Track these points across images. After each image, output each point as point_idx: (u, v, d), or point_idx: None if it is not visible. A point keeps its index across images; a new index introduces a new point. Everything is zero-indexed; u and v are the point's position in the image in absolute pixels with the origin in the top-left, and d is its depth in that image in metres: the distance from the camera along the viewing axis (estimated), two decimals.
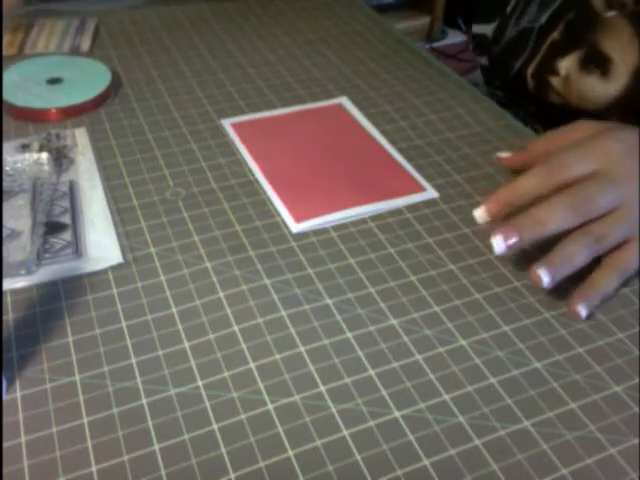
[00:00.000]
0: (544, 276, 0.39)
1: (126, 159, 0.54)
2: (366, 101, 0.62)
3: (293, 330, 0.40)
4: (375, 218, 0.48)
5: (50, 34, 0.73)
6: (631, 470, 0.33)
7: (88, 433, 0.34)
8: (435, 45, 2.17)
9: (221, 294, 0.42)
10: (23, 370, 0.37)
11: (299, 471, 0.32)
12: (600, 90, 0.59)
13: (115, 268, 0.43)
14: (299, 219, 0.47)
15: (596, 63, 0.59)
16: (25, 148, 0.53)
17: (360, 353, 0.38)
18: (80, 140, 0.55)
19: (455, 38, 2.22)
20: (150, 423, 0.34)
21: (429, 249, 0.46)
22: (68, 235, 0.45)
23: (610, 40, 0.58)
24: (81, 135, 0.56)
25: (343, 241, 0.46)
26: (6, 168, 0.49)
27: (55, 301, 0.41)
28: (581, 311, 0.40)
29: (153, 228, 0.47)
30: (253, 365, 0.37)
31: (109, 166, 0.53)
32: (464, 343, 0.39)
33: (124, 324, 0.40)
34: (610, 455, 0.33)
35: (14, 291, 0.41)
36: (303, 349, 0.38)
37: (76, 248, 0.44)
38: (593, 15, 0.60)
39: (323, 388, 0.36)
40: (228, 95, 0.63)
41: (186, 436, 0.34)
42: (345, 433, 0.34)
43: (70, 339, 0.39)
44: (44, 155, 0.50)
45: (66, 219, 0.47)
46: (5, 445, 0.33)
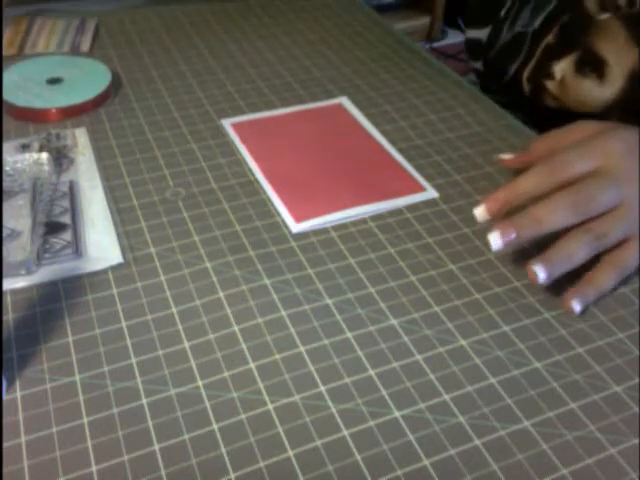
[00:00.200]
0: (540, 272, 0.39)
1: (126, 159, 0.54)
2: (366, 101, 0.62)
3: (293, 330, 0.40)
4: (375, 218, 0.48)
5: (50, 34, 0.73)
6: (631, 470, 0.33)
7: (88, 433, 0.34)
8: (435, 45, 2.17)
9: (221, 294, 0.42)
10: (23, 370, 0.37)
11: (299, 471, 0.32)
12: (596, 93, 0.59)
13: (115, 268, 0.43)
14: (299, 219, 0.47)
15: (591, 66, 0.59)
16: (25, 148, 0.53)
17: (360, 353, 0.38)
18: (80, 140, 0.55)
19: (455, 38, 2.22)
20: (150, 423, 0.34)
21: (429, 249, 0.46)
22: (68, 235, 0.45)
23: (605, 43, 0.58)
24: (81, 135, 0.56)
25: (343, 241, 0.46)
26: (6, 168, 0.49)
27: (55, 301, 0.41)
28: (575, 306, 0.40)
29: (153, 228, 0.47)
30: (253, 365, 0.37)
31: (109, 166, 0.53)
32: (464, 343, 0.39)
33: (124, 324, 0.40)
34: (610, 455, 0.33)
35: (14, 291, 0.41)
36: (303, 349, 0.38)
37: (76, 248, 0.44)
38: (587, 18, 0.59)
39: (323, 388, 0.36)
40: (228, 95, 0.63)
41: (186, 436, 0.34)
42: (345, 433, 0.34)
43: (70, 339, 0.39)
44: (44, 155, 0.50)
45: (66, 219, 0.47)
46: (5, 445, 0.33)
